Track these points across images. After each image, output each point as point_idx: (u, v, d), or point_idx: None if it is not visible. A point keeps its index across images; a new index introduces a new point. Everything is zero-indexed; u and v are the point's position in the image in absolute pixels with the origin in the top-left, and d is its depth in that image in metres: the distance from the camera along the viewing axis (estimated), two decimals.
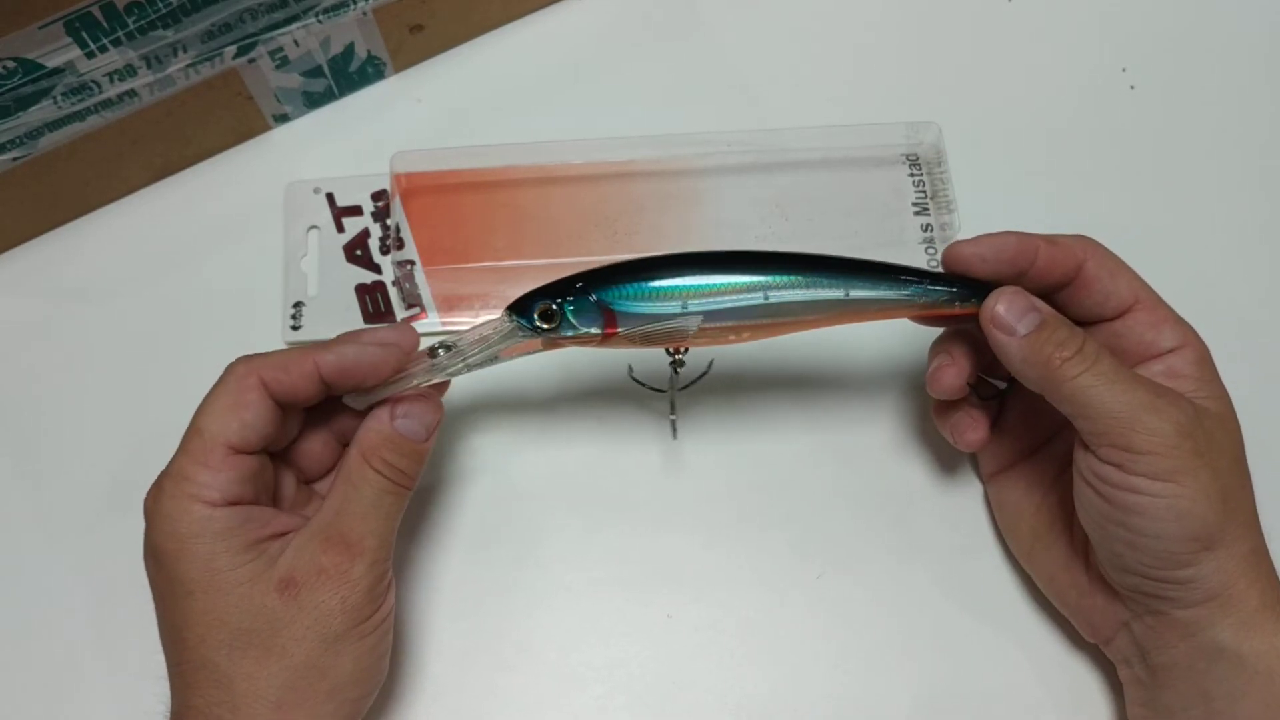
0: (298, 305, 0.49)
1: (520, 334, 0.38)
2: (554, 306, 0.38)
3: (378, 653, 0.37)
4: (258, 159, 0.52)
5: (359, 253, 0.50)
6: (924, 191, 0.51)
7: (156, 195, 0.52)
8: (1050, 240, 0.39)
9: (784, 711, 0.43)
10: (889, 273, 0.40)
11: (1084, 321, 0.40)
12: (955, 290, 0.40)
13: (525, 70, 0.54)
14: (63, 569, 0.45)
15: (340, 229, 0.50)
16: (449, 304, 0.49)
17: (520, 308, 0.38)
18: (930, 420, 0.47)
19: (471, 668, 0.43)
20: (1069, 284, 0.40)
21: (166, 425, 0.37)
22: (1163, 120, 0.54)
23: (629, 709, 0.43)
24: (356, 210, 0.51)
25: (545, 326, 0.38)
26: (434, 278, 0.49)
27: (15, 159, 0.46)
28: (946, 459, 0.47)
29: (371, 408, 0.39)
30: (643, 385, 0.44)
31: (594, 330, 0.38)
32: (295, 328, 0.49)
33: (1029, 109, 0.54)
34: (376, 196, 0.51)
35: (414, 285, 0.49)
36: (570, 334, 0.38)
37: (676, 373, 0.42)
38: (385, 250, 0.50)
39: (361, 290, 0.49)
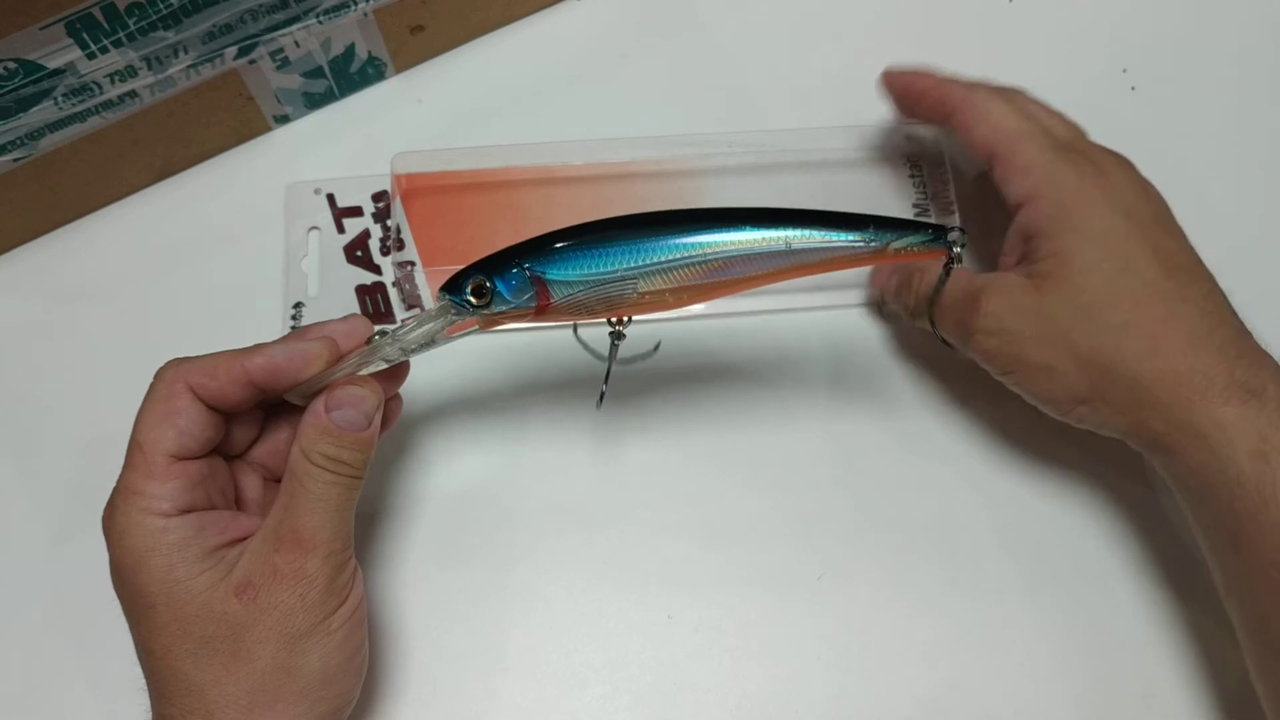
0: (298, 306, 0.49)
1: (453, 312, 0.37)
2: (486, 283, 0.37)
3: (349, 648, 0.37)
4: (258, 160, 0.52)
5: (359, 253, 0.50)
6: (924, 193, 0.51)
7: (157, 196, 0.52)
8: (965, 87, 0.44)
9: (784, 711, 0.43)
10: (832, 221, 0.38)
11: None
12: (907, 234, 0.38)
13: (526, 71, 0.54)
14: (62, 569, 0.45)
15: (341, 230, 0.50)
16: None
17: (452, 285, 0.37)
18: (931, 418, 0.47)
19: (471, 669, 0.43)
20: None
21: None
22: (1163, 121, 0.54)
23: (629, 709, 0.43)
24: (357, 211, 0.51)
25: (476, 302, 0.37)
26: (435, 279, 0.49)
27: (16, 160, 0.46)
28: (948, 457, 0.47)
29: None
30: (586, 347, 0.42)
31: (526, 302, 0.37)
32: (296, 329, 0.48)
33: None
34: (377, 197, 0.51)
35: (414, 286, 0.49)
36: (503, 308, 0.37)
37: (616, 344, 0.41)
38: (386, 251, 0.50)
39: (362, 291, 0.49)
